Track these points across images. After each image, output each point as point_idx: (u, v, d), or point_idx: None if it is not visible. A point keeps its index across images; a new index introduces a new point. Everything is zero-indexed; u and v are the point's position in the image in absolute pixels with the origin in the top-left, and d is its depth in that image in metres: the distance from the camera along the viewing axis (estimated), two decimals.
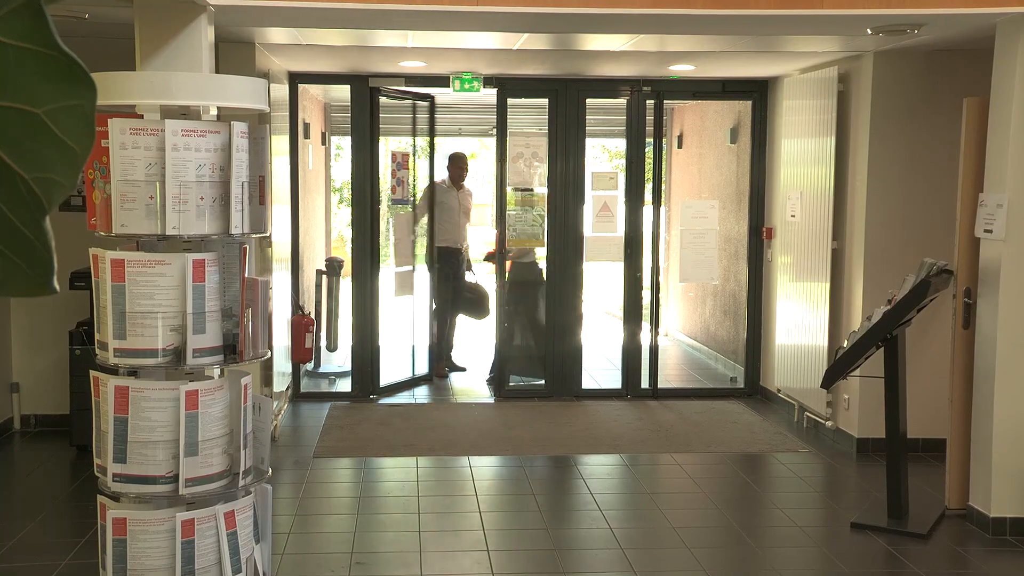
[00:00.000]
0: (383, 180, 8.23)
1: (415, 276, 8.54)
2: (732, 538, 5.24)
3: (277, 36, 6.25)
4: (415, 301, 8.60)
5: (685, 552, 4.94)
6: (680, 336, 10.88)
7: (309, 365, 8.43)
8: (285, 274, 7.53)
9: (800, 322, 7.38)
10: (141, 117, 3.31)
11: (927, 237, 6.49)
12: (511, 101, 8.15)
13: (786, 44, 6.39)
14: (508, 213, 8.19)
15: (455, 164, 8.98)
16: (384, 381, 8.20)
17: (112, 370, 3.30)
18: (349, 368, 8.35)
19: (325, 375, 8.69)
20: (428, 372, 8.66)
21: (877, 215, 6.57)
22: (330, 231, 11.69)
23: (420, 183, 8.69)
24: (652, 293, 8.40)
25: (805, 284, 7.30)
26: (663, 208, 9.11)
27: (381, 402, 7.98)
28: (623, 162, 8.55)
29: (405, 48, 6.61)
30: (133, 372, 3.32)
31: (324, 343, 8.72)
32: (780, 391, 7.77)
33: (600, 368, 9.05)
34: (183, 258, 3.21)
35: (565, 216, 8.15)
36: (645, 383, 8.26)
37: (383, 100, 8.09)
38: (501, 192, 8.16)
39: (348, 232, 8.89)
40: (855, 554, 4.98)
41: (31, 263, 0.75)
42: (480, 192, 10.73)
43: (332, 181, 12.15)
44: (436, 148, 9.00)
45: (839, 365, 5.36)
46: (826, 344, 6.93)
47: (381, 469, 6.35)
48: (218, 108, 3.48)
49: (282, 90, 7.44)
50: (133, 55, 4.42)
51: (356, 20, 5.40)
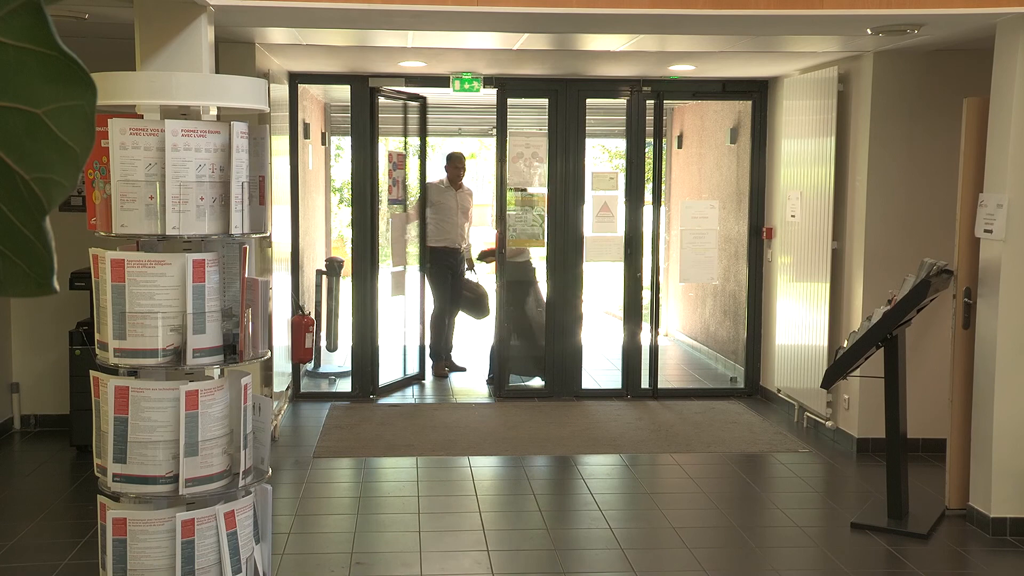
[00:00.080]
0: (383, 180, 8.23)
1: (406, 276, 8.54)
2: (732, 538, 5.24)
3: (277, 36, 6.25)
4: (406, 301, 8.59)
5: (685, 552, 4.94)
6: (680, 336, 10.88)
7: (309, 365, 8.43)
8: (285, 274, 7.53)
9: (800, 322, 7.38)
10: (141, 117, 3.31)
11: (927, 237, 6.49)
12: (511, 101, 8.15)
13: (786, 44, 6.39)
14: (508, 213, 8.19)
15: (452, 164, 8.95)
16: (380, 381, 8.20)
17: (112, 370, 3.30)
18: (349, 368, 8.35)
19: (325, 375, 8.69)
20: (419, 371, 8.65)
21: (877, 215, 6.57)
22: (330, 231, 11.69)
23: (414, 183, 8.68)
24: (652, 293, 8.40)
25: (805, 284, 7.30)
26: (663, 208, 9.12)
27: (381, 402, 7.98)
28: (623, 162, 8.55)
29: (405, 48, 6.61)
30: (133, 372, 3.32)
31: (324, 343, 8.72)
32: (780, 391, 7.77)
33: (600, 368, 9.05)
34: (183, 258, 3.21)
35: (565, 216, 8.15)
36: (645, 383, 8.26)
37: (380, 101, 8.09)
38: (501, 192, 8.16)
39: (348, 232, 8.89)
40: (855, 554, 4.98)
41: (31, 263, 0.75)
42: (480, 192, 10.70)
43: (332, 181, 12.15)
44: (428, 148, 8.97)
45: (839, 365, 5.36)
46: (826, 344, 6.93)
47: (381, 469, 6.35)
48: (218, 108, 3.48)
49: (282, 90, 7.44)
50: (133, 55, 4.42)
51: (356, 20, 5.40)
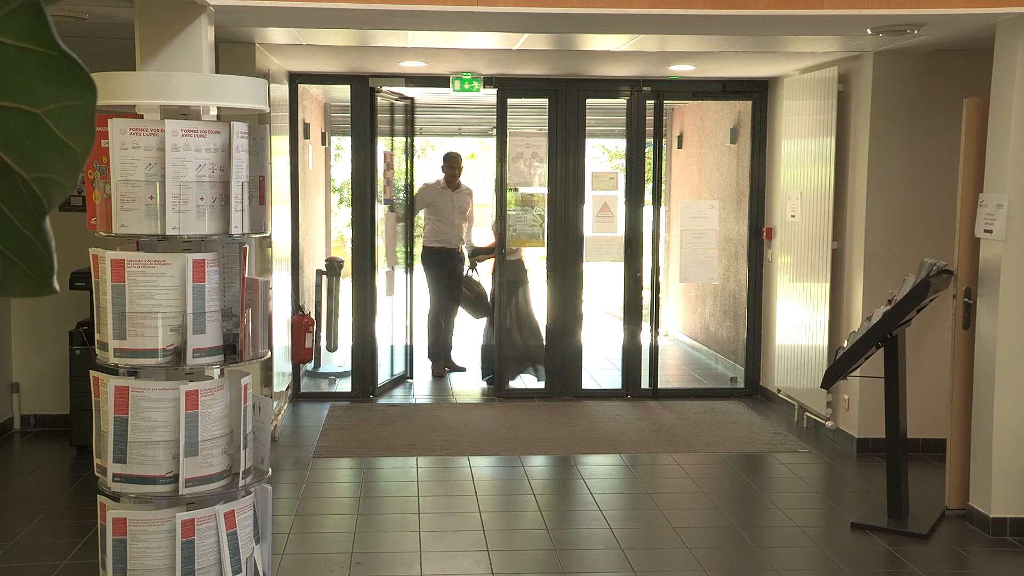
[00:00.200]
0: (380, 180, 8.23)
1: (395, 277, 8.53)
2: (732, 538, 5.24)
3: (277, 36, 6.25)
4: (393, 301, 8.58)
5: (685, 552, 4.94)
6: (680, 336, 10.88)
7: (309, 365, 8.42)
8: (285, 274, 7.53)
9: (800, 322, 7.37)
10: (141, 117, 3.31)
11: (927, 237, 6.49)
12: (511, 101, 8.15)
13: (786, 44, 6.39)
14: (508, 213, 8.19)
15: (448, 164, 8.92)
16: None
17: (112, 370, 3.30)
18: (349, 368, 8.35)
19: (325, 375, 8.69)
20: (404, 371, 8.65)
21: (877, 215, 6.56)
22: (330, 231, 11.69)
23: (403, 183, 8.66)
24: (652, 293, 8.40)
25: (805, 284, 7.30)
26: (663, 208, 9.12)
27: (381, 402, 7.98)
28: (623, 162, 8.55)
29: (405, 48, 6.61)
30: (133, 372, 3.32)
31: (324, 343, 8.72)
32: (780, 391, 7.77)
33: (600, 368, 9.05)
34: (183, 258, 3.21)
35: (565, 216, 8.15)
36: (645, 383, 8.26)
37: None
38: (501, 192, 8.16)
39: (348, 232, 8.88)
40: (855, 554, 4.98)
41: (31, 263, 0.75)
42: (480, 192, 10.70)
43: (332, 181, 12.15)
44: (417, 148, 8.94)
45: (839, 365, 5.36)
46: (826, 344, 6.93)
47: (381, 469, 6.35)
48: (218, 108, 3.48)
49: (282, 90, 7.44)
50: (133, 55, 4.42)
51: (356, 20, 5.40)
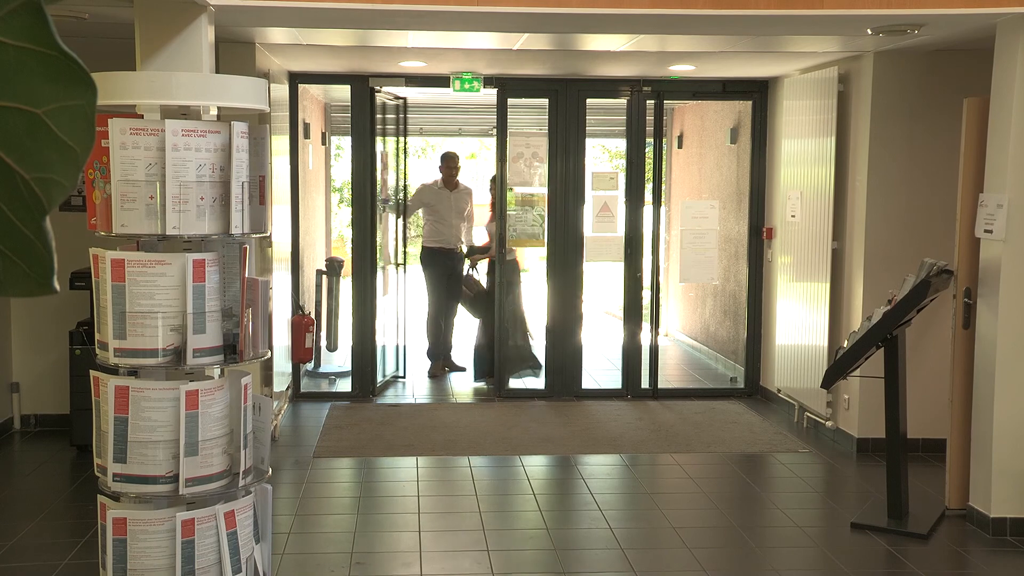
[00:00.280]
0: (380, 180, 8.22)
1: (388, 276, 8.53)
2: (732, 538, 5.24)
3: (277, 36, 6.24)
4: (386, 301, 8.57)
5: (685, 552, 4.94)
6: (680, 336, 10.88)
7: (309, 365, 8.42)
8: (285, 274, 7.53)
9: (800, 322, 7.37)
10: (141, 117, 3.31)
11: (927, 237, 6.49)
12: (511, 101, 8.14)
13: (786, 44, 6.39)
14: (508, 213, 8.19)
15: (445, 164, 8.91)
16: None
17: (112, 370, 3.30)
18: (349, 368, 8.35)
19: (325, 375, 8.69)
20: (395, 370, 8.64)
21: (877, 215, 6.56)
22: (330, 231, 11.69)
23: (394, 182, 8.65)
24: (652, 293, 8.40)
25: (805, 284, 7.30)
26: (663, 208, 9.11)
27: (381, 402, 7.98)
28: (623, 162, 8.54)
29: (405, 48, 6.61)
30: (133, 372, 3.32)
31: (324, 343, 8.72)
32: (780, 391, 7.77)
33: (600, 368, 9.05)
34: (183, 258, 3.21)
35: (565, 216, 8.14)
36: (645, 383, 8.26)
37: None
38: (501, 192, 8.16)
39: (348, 232, 8.88)
40: (855, 554, 4.98)
41: (31, 263, 0.75)
42: (479, 192, 10.69)
43: (332, 181, 12.15)
44: (407, 149, 8.91)
45: (839, 365, 5.36)
46: (826, 344, 6.93)
47: (381, 469, 6.35)
48: (218, 108, 3.48)
49: (282, 90, 7.44)
50: (133, 55, 4.42)
51: (356, 20, 5.40)
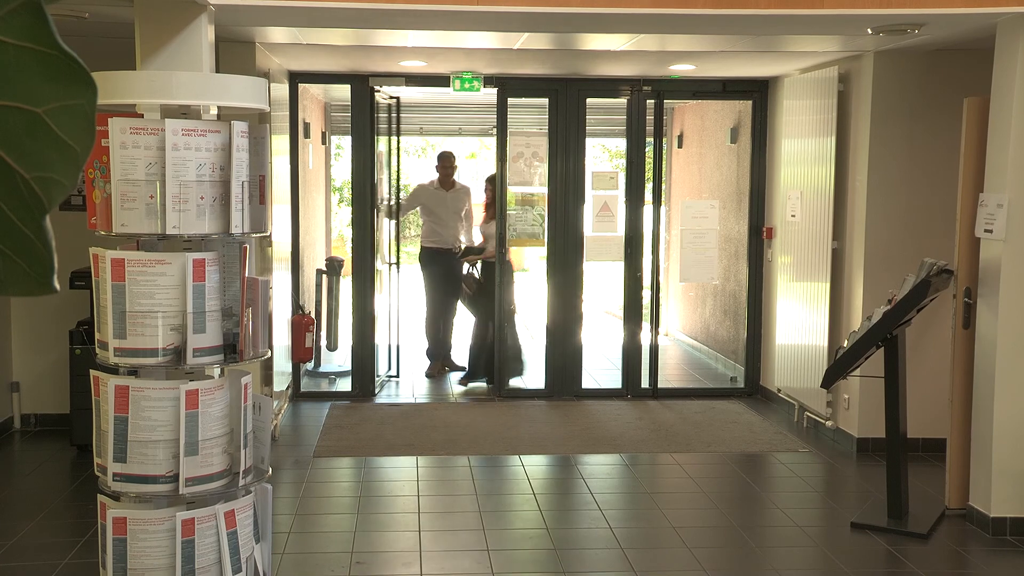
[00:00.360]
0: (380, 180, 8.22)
1: (383, 276, 8.51)
2: (732, 538, 5.24)
3: (277, 35, 6.24)
4: (381, 300, 8.56)
5: (685, 552, 4.94)
6: (680, 336, 10.88)
7: (309, 365, 8.42)
8: (285, 274, 7.53)
9: (800, 322, 7.37)
10: (141, 116, 3.31)
11: (927, 237, 6.49)
12: (511, 101, 8.14)
13: (786, 44, 6.39)
14: (508, 213, 8.19)
15: (441, 164, 8.91)
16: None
17: (112, 369, 3.30)
18: (349, 368, 8.35)
19: (325, 375, 8.69)
20: (389, 369, 8.64)
21: (877, 215, 6.56)
22: (330, 231, 11.69)
23: (387, 180, 8.64)
24: (652, 293, 8.40)
25: (805, 284, 7.30)
26: (663, 208, 9.11)
27: (381, 402, 7.98)
28: (623, 162, 8.54)
29: (406, 48, 6.61)
30: (133, 371, 3.32)
31: (324, 343, 8.72)
32: (780, 391, 7.77)
33: (600, 368, 9.05)
34: (183, 257, 3.21)
35: (565, 216, 8.14)
36: (645, 383, 8.26)
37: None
38: (501, 192, 8.16)
39: (348, 232, 8.87)
40: (855, 554, 4.98)
41: (31, 262, 0.74)
42: (478, 191, 10.68)
43: (332, 181, 12.15)
44: (400, 149, 8.86)
45: (839, 365, 5.36)
46: (826, 344, 6.93)
47: (381, 469, 6.35)
48: (218, 108, 3.48)
49: (282, 90, 7.44)
50: (133, 55, 4.42)
51: (356, 20, 5.40)
